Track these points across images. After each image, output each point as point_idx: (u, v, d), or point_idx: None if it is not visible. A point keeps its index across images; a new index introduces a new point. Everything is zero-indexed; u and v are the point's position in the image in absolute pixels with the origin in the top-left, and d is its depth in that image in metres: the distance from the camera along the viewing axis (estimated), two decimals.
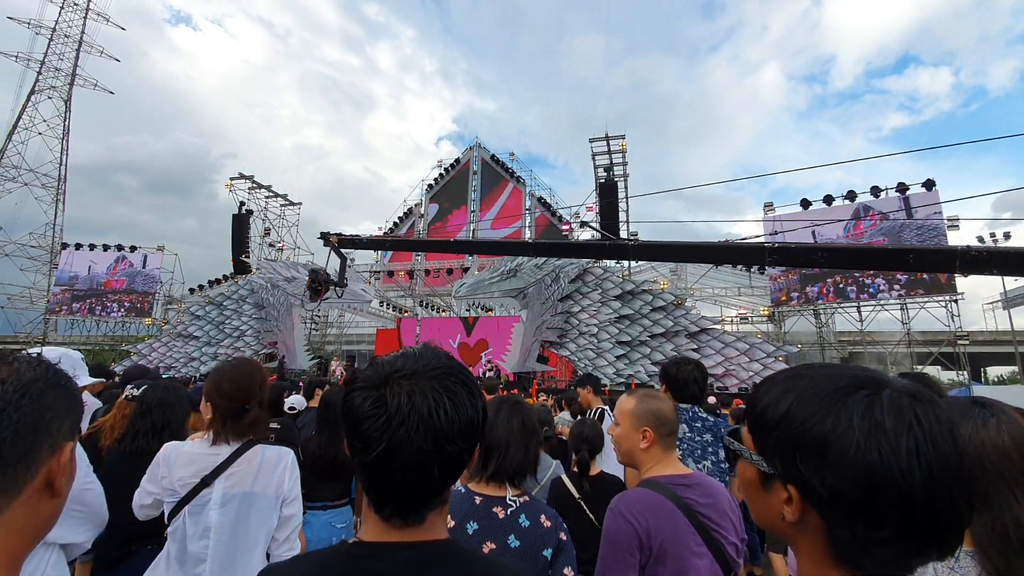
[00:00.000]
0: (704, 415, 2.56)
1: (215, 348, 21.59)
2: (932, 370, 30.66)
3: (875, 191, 20.19)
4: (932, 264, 5.17)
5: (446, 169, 28.89)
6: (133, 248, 29.20)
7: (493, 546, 1.47)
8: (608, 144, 21.77)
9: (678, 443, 2.41)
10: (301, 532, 2.82)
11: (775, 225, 21.81)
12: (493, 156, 28.14)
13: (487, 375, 19.42)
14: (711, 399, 7.58)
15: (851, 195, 20.64)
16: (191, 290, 27.53)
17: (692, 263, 20.48)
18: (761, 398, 0.68)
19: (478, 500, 1.57)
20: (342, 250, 10.39)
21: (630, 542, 1.44)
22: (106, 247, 29.31)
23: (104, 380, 4.01)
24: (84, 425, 2.72)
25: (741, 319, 25.35)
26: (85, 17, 36.92)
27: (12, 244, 34.79)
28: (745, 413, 0.72)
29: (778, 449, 0.63)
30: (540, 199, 27.07)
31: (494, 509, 1.53)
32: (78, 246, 29.60)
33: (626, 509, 1.49)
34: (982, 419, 1.09)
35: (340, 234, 11.07)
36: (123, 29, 40.98)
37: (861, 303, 21.11)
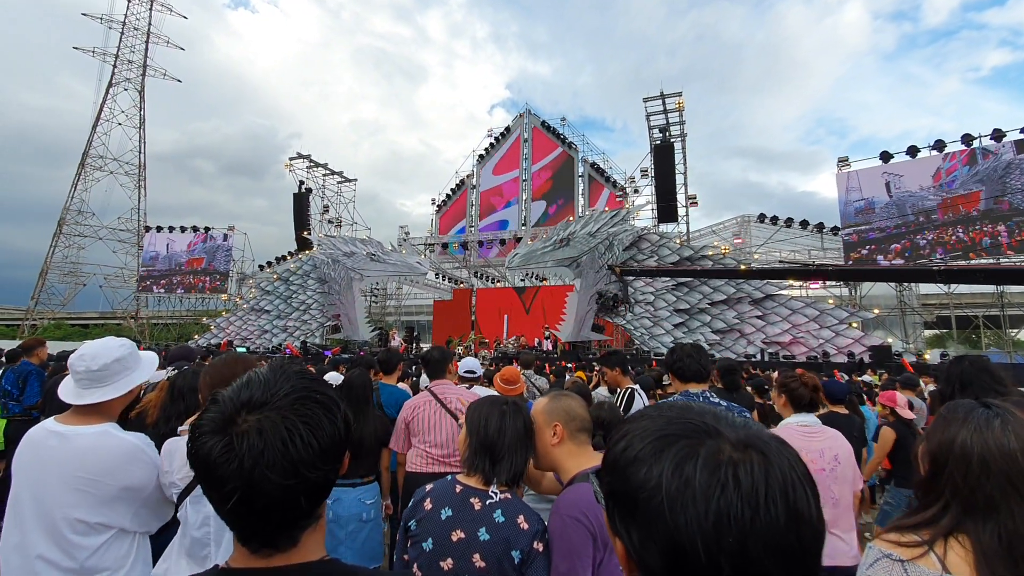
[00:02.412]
0: (716, 400, 2.41)
1: (284, 321, 22.82)
2: None
3: (966, 139, 18.06)
4: None
5: (496, 138, 28.58)
6: (207, 229, 31.09)
7: (463, 535, 1.48)
8: (664, 103, 20.67)
9: None
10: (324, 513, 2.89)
11: (849, 180, 20.12)
12: (544, 122, 27.53)
13: (542, 344, 19.44)
14: (774, 374, 7.16)
15: (939, 145, 18.58)
16: (260, 267, 29.14)
17: (872, 281, 19.55)
18: (613, 436, 0.61)
19: (458, 488, 1.58)
20: (625, 276, 14.41)
21: (583, 541, 1.42)
22: (183, 228, 31.37)
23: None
24: None
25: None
26: (151, 9, 38.77)
27: (104, 229, 37.91)
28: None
29: (607, 497, 0.57)
30: (593, 164, 26.36)
31: (471, 500, 1.55)
32: (159, 228, 31.84)
33: (575, 511, 1.46)
34: (986, 420, 1.04)
35: (623, 265, 15.41)
36: (185, 18, 42.79)
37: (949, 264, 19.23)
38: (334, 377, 3.87)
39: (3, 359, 6.62)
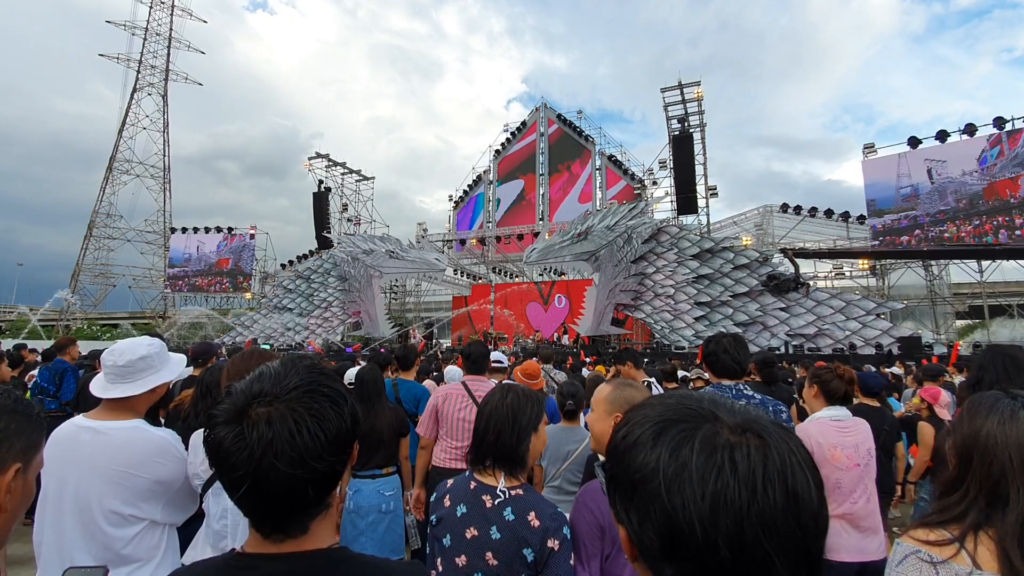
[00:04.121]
0: (751, 393, 2.35)
1: (306, 319, 23.19)
2: None
3: (998, 122, 17.38)
4: None
5: (512, 133, 28.54)
6: (231, 229, 31.68)
7: (476, 533, 1.47)
8: (682, 93, 20.38)
9: None
10: (339, 502, 2.96)
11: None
12: (560, 115, 27.41)
13: (560, 338, 19.39)
14: (800, 371, 7.03)
15: (970, 129, 17.96)
16: (282, 265, 29.63)
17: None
18: (616, 425, 0.62)
19: (472, 485, 1.56)
20: (796, 259, 14.78)
21: (591, 532, 1.42)
22: (207, 229, 32.01)
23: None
24: None
25: (837, 274, 23.31)
26: (171, 14, 39.52)
27: (132, 231, 38.92)
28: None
29: (608, 483, 0.58)
30: (610, 156, 26.15)
31: (483, 497, 1.52)
32: (183, 229, 32.55)
33: (589, 499, 1.47)
34: (1010, 411, 0.99)
35: (796, 249, 15.80)
36: (205, 22, 43.52)
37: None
38: (355, 372, 3.92)
39: (39, 358, 6.86)
